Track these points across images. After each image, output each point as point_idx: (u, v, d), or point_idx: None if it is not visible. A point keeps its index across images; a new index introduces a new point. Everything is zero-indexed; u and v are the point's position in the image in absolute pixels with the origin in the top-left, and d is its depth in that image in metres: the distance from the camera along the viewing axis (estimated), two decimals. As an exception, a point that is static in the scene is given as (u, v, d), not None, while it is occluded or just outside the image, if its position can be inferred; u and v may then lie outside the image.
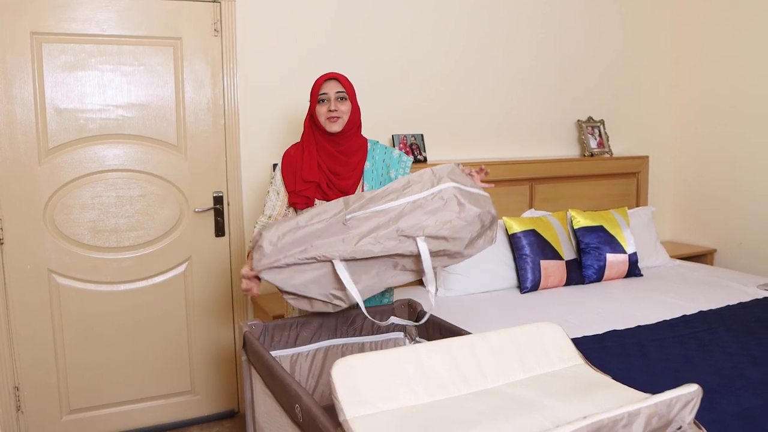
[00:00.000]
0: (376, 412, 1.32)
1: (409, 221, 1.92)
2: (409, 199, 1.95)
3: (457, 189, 1.94)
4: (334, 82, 2.21)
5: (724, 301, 2.97)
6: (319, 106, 2.21)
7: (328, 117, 2.19)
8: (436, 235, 1.92)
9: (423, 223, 1.91)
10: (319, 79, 2.23)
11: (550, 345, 1.58)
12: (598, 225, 3.45)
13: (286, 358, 2.20)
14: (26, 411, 2.92)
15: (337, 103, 2.20)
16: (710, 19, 4.09)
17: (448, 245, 1.95)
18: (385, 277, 2.02)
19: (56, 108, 2.82)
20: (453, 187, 1.94)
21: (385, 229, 1.93)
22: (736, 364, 2.23)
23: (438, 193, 1.95)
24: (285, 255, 1.93)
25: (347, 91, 2.22)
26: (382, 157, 2.33)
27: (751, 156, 3.91)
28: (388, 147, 2.36)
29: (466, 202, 1.92)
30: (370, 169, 2.30)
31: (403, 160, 2.35)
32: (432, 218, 1.91)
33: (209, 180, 3.11)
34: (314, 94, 2.23)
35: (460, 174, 2.03)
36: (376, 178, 2.30)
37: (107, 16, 2.86)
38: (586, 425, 1.13)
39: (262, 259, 1.95)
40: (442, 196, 1.93)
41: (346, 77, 2.25)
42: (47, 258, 2.87)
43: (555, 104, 3.98)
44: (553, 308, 2.95)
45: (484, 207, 1.97)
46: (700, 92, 4.21)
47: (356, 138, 2.28)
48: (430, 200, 1.94)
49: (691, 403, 1.28)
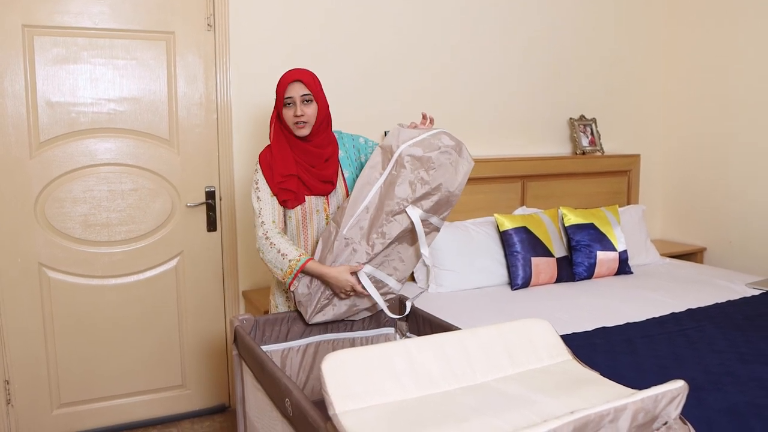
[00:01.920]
0: (366, 406, 1.33)
1: (391, 200, 2.00)
2: (379, 183, 2.04)
3: (410, 147, 2.02)
4: (298, 84, 2.15)
5: (713, 299, 2.99)
6: (286, 109, 2.17)
7: (296, 123, 2.18)
8: (420, 196, 2.00)
9: (401, 195, 2.00)
10: (284, 81, 2.16)
11: (539, 341, 1.60)
12: (589, 223, 3.47)
13: (277, 352, 2.21)
14: (16, 405, 2.91)
15: (302, 107, 2.15)
16: (702, 19, 4.11)
17: (437, 196, 2.02)
18: (408, 260, 2.17)
19: (48, 101, 2.81)
20: (406, 148, 2.02)
21: (378, 221, 2.02)
22: (723, 361, 2.25)
23: (396, 163, 2.02)
24: (320, 295, 2.13)
25: (312, 92, 2.17)
26: (352, 144, 2.36)
27: (742, 155, 3.94)
28: (353, 135, 2.40)
29: (423, 152, 2.00)
30: (344, 157, 2.32)
31: (368, 144, 2.39)
32: (405, 185, 2.00)
33: (201, 175, 3.11)
34: (280, 95, 2.17)
35: (405, 131, 2.10)
36: (352, 164, 2.33)
37: (100, 10, 2.85)
38: (573, 420, 1.14)
39: (307, 311, 2.15)
40: (402, 163, 2.01)
41: (311, 74, 2.20)
42: (38, 252, 2.87)
43: (547, 102, 3.99)
44: (543, 305, 2.96)
45: (439, 142, 2.02)
46: (691, 91, 4.23)
47: (326, 134, 2.27)
48: (395, 173, 2.02)
49: (677, 399, 1.29)
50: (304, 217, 2.25)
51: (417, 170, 1.99)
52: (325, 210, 2.27)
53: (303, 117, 2.15)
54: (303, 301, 2.14)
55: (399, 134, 2.08)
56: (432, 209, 2.04)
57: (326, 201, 2.27)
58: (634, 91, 4.32)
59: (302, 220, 2.25)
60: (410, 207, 2.00)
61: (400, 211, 2.01)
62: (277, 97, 2.20)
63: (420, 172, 1.99)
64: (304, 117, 2.16)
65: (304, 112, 2.16)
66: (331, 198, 2.27)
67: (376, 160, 2.09)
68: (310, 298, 2.13)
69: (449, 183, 2.01)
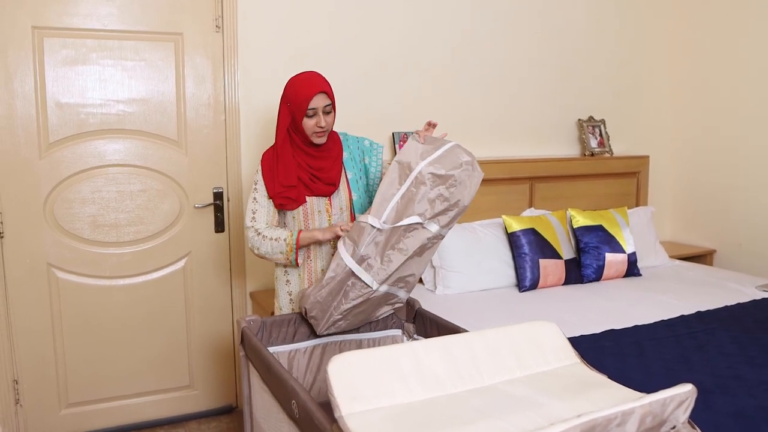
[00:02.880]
0: (372, 408, 1.33)
1: (409, 217, 2.01)
2: (395, 200, 2.04)
3: (430, 165, 2.01)
4: (322, 95, 2.17)
5: (722, 302, 2.97)
6: (307, 119, 2.17)
7: (316, 132, 2.20)
8: (439, 212, 2.01)
9: (420, 211, 2.00)
10: (308, 92, 2.15)
11: (547, 343, 1.59)
12: (598, 224, 3.46)
13: (284, 354, 2.21)
14: (25, 404, 2.93)
15: (325, 117, 2.19)
16: (711, 19, 4.09)
17: (454, 211, 2.04)
18: (418, 272, 2.18)
19: (57, 102, 2.82)
20: (426, 166, 2.02)
21: (396, 236, 2.03)
22: (732, 365, 2.23)
23: (415, 180, 2.02)
24: (332, 309, 2.11)
25: (332, 102, 2.21)
26: (356, 146, 2.37)
27: (752, 156, 3.91)
28: (357, 137, 2.40)
29: (446, 171, 2.00)
30: (348, 158, 2.34)
31: (374, 147, 2.40)
32: (425, 202, 2.00)
33: (209, 176, 3.12)
34: (302, 107, 2.16)
35: (421, 146, 2.09)
36: (356, 165, 2.34)
37: (109, 11, 2.86)
38: (580, 423, 1.14)
39: (319, 324, 2.13)
40: (422, 181, 2.01)
41: (329, 84, 2.22)
42: (47, 252, 2.88)
43: (555, 103, 3.97)
44: (551, 307, 2.95)
45: (458, 159, 2.02)
46: (701, 92, 4.21)
47: (331, 135, 2.30)
48: (414, 189, 2.02)
49: (685, 402, 1.28)
50: (306, 218, 2.27)
51: (437, 187, 2.00)
52: (327, 211, 2.29)
53: (324, 127, 2.18)
54: (317, 316, 2.12)
55: (417, 150, 2.07)
56: (448, 224, 2.06)
57: (329, 201, 2.28)
58: (643, 92, 4.29)
59: (304, 220, 2.27)
60: (428, 222, 2.02)
61: (417, 227, 2.02)
62: (297, 107, 2.17)
63: (440, 189, 2.00)
64: (326, 126, 2.18)
65: (326, 121, 2.18)
66: (334, 198, 2.29)
67: (393, 177, 2.07)
68: (323, 313, 2.11)
69: (466, 198, 2.03)
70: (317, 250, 2.30)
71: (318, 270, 2.32)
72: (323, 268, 2.31)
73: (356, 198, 2.33)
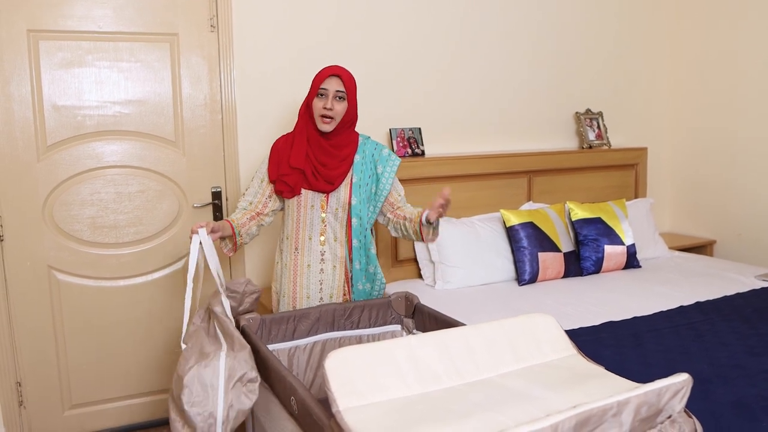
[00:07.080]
0: (369, 403, 1.33)
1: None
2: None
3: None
4: (336, 79, 2.22)
5: (721, 292, 2.97)
6: (317, 99, 2.23)
7: (322, 115, 2.22)
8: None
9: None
10: (323, 73, 2.24)
11: (543, 336, 1.59)
12: (596, 217, 3.46)
13: (283, 351, 2.22)
14: (28, 406, 2.94)
15: (334, 101, 2.21)
16: (709, 12, 4.08)
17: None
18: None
19: (54, 105, 2.83)
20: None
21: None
22: (731, 354, 2.23)
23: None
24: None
25: (347, 90, 2.23)
26: (372, 152, 2.38)
27: (751, 147, 3.91)
28: (379, 143, 2.41)
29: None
30: (360, 162, 2.34)
31: (391, 159, 2.40)
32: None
33: (207, 175, 3.12)
34: (315, 85, 2.24)
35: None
36: (366, 171, 2.34)
37: (103, 13, 2.86)
38: (576, 414, 1.14)
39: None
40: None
41: (349, 74, 2.26)
42: (47, 254, 2.89)
43: (553, 96, 3.97)
44: (550, 300, 2.95)
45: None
46: (698, 84, 4.20)
47: (348, 133, 2.31)
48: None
49: (681, 392, 1.29)
50: (298, 209, 2.33)
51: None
52: (323, 207, 2.31)
53: (331, 112, 2.21)
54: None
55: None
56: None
57: (325, 198, 2.30)
58: (641, 84, 4.29)
59: (296, 211, 2.34)
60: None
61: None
62: (312, 87, 2.26)
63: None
64: (332, 112, 2.21)
65: (334, 107, 2.22)
66: (331, 197, 2.31)
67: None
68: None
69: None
70: (305, 244, 2.34)
71: (304, 264, 2.36)
72: (309, 263, 2.37)
73: (356, 203, 2.33)
